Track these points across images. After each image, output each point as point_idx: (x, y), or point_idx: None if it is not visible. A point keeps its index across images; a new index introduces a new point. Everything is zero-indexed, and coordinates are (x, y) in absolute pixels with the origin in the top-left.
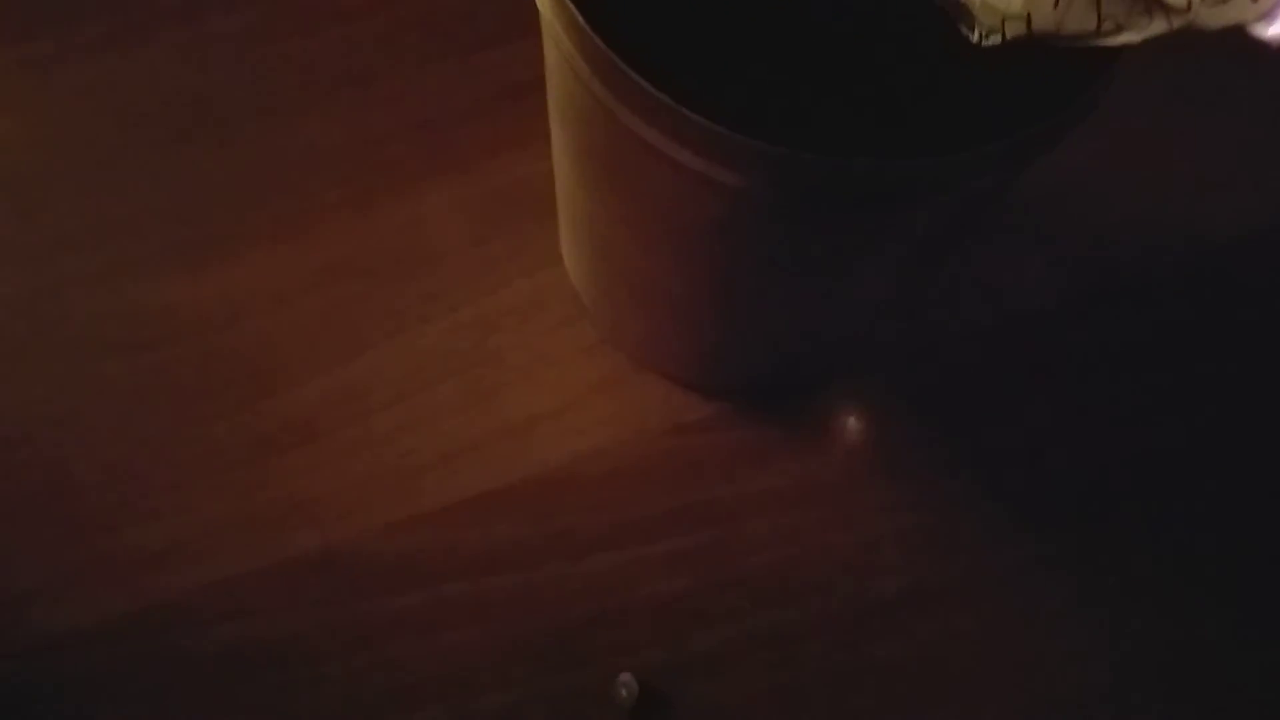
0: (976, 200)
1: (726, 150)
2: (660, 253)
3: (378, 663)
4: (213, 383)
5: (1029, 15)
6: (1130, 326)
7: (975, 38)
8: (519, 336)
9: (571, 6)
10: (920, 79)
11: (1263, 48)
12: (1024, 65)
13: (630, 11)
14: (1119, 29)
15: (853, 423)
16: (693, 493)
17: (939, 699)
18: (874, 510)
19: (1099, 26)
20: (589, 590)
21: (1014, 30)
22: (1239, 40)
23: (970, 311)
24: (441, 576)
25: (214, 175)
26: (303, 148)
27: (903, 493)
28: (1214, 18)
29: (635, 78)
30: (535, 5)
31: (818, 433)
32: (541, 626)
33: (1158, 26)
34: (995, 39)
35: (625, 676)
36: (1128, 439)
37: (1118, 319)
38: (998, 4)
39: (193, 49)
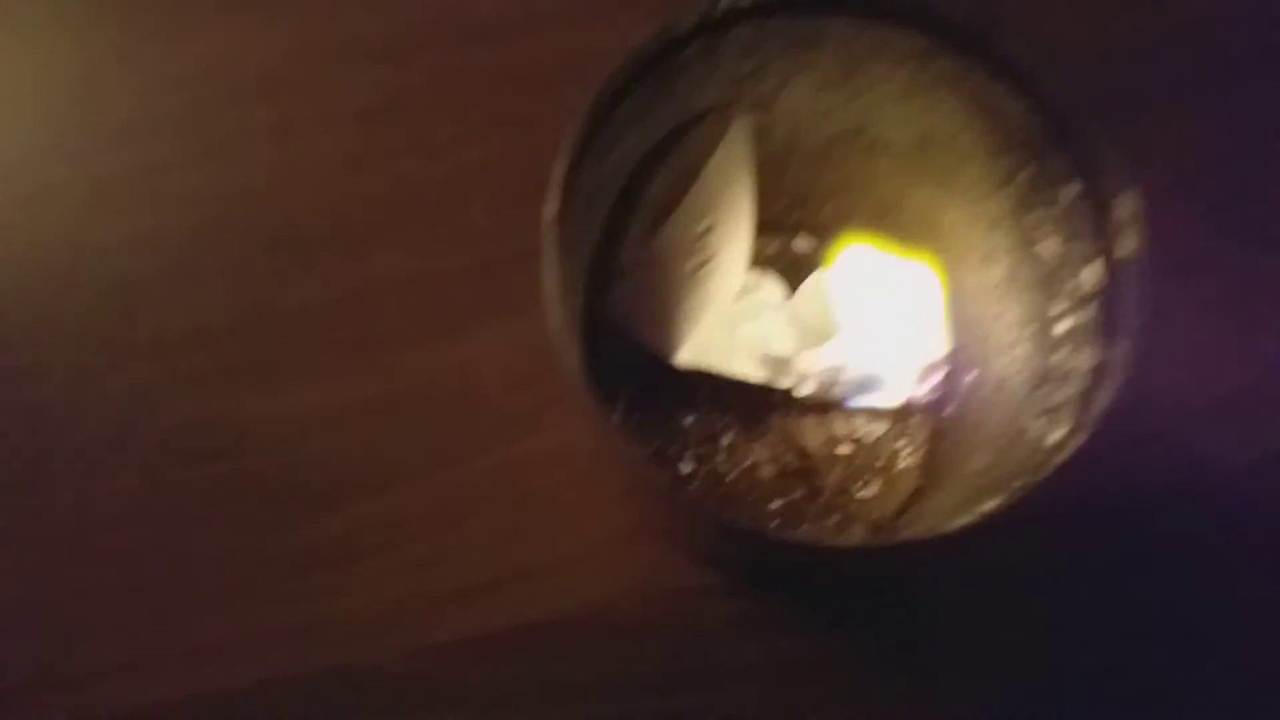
0: None
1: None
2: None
3: None
4: (270, 497)
5: None
6: None
7: None
8: (543, 484)
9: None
10: None
11: None
12: None
13: None
14: None
15: (851, 602)
16: (686, 656)
17: None
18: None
19: None
20: None
21: None
22: None
23: None
24: (447, 707)
25: (294, 296)
26: (374, 278)
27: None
28: None
29: None
30: None
31: (817, 611)
32: None
33: None
34: None
35: None
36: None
37: None
38: None
39: (284, 170)
